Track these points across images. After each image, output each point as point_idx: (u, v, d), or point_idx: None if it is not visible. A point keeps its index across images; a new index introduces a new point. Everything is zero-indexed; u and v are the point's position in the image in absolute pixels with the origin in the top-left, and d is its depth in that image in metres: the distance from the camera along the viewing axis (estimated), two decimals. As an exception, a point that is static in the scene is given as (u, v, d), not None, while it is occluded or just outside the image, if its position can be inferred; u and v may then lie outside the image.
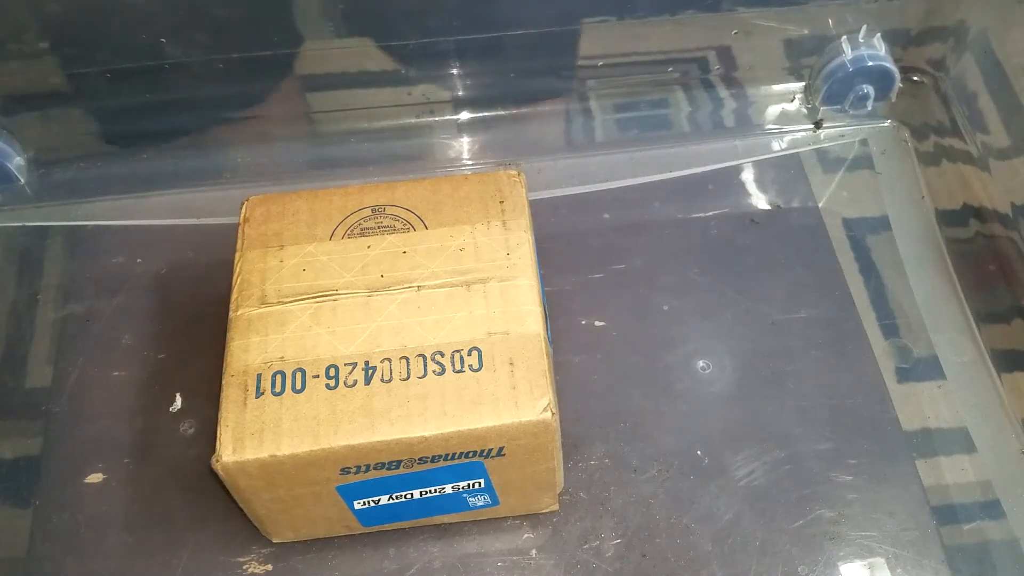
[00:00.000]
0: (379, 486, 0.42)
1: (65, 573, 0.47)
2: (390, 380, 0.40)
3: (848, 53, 0.60)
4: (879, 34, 0.60)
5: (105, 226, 0.60)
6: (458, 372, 0.41)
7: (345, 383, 0.40)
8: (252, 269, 0.44)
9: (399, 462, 0.40)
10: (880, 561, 0.46)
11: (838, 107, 0.63)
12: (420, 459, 0.40)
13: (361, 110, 0.62)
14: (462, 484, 0.43)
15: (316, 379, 0.40)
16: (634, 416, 0.51)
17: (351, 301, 0.43)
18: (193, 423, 0.51)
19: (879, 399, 0.51)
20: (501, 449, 0.41)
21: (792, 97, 0.64)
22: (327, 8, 0.55)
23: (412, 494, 0.43)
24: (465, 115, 0.63)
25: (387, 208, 0.46)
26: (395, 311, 0.42)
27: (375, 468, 0.40)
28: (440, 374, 0.40)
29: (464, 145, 0.63)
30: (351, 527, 0.46)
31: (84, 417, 0.52)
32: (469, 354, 0.41)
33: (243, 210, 0.47)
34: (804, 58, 0.63)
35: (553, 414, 0.40)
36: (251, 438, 0.39)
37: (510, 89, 0.63)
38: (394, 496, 0.43)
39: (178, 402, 0.52)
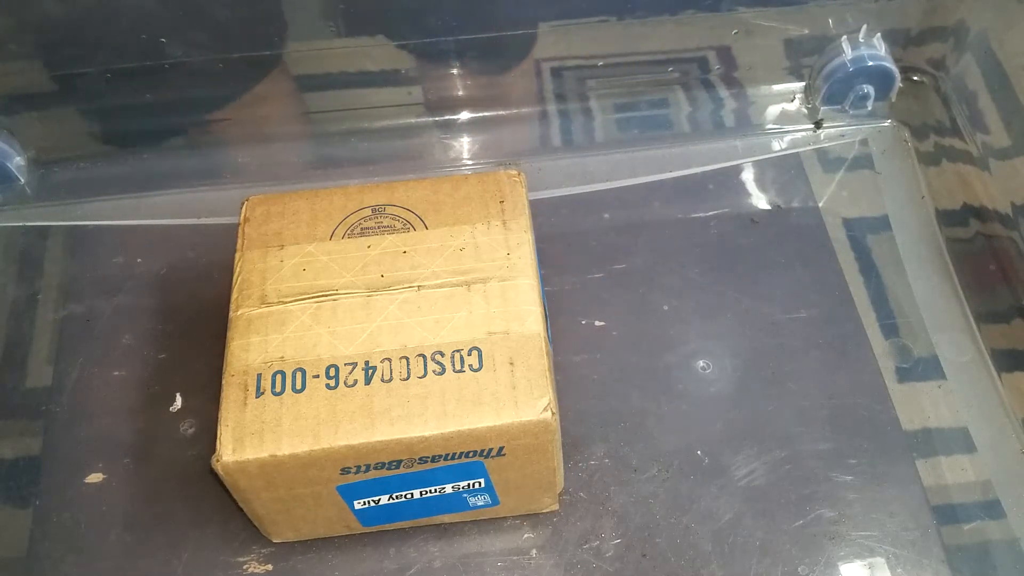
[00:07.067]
0: (379, 486, 0.42)
1: (65, 573, 0.47)
2: (390, 380, 0.40)
3: (848, 53, 0.60)
4: (879, 34, 0.60)
5: (105, 226, 0.60)
6: (458, 372, 0.41)
7: (345, 383, 0.40)
8: (252, 269, 0.44)
9: (399, 462, 0.40)
10: (880, 561, 0.46)
11: (838, 107, 0.63)
12: (420, 459, 0.40)
13: (361, 110, 0.62)
14: (462, 484, 0.43)
15: (316, 379, 0.40)
16: (634, 416, 0.51)
17: (351, 301, 0.43)
18: (193, 423, 0.51)
19: (879, 399, 0.51)
20: (501, 449, 0.41)
21: (792, 97, 0.64)
22: (327, 8, 0.55)
23: (412, 494, 0.43)
24: (465, 115, 0.63)
25: (387, 208, 0.46)
26: (395, 311, 0.42)
27: (375, 468, 0.40)
28: (440, 374, 0.40)
29: (464, 145, 0.63)
30: (351, 527, 0.46)
31: (84, 417, 0.52)
32: (469, 354, 0.41)
33: (243, 210, 0.47)
34: (804, 58, 0.63)
35: (553, 414, 0.40)
36: (251, 438, 0.39)
37: (510, 89, 0.63)
38: (394, 496, 0.43)
39: (178, 402, 0.52)
